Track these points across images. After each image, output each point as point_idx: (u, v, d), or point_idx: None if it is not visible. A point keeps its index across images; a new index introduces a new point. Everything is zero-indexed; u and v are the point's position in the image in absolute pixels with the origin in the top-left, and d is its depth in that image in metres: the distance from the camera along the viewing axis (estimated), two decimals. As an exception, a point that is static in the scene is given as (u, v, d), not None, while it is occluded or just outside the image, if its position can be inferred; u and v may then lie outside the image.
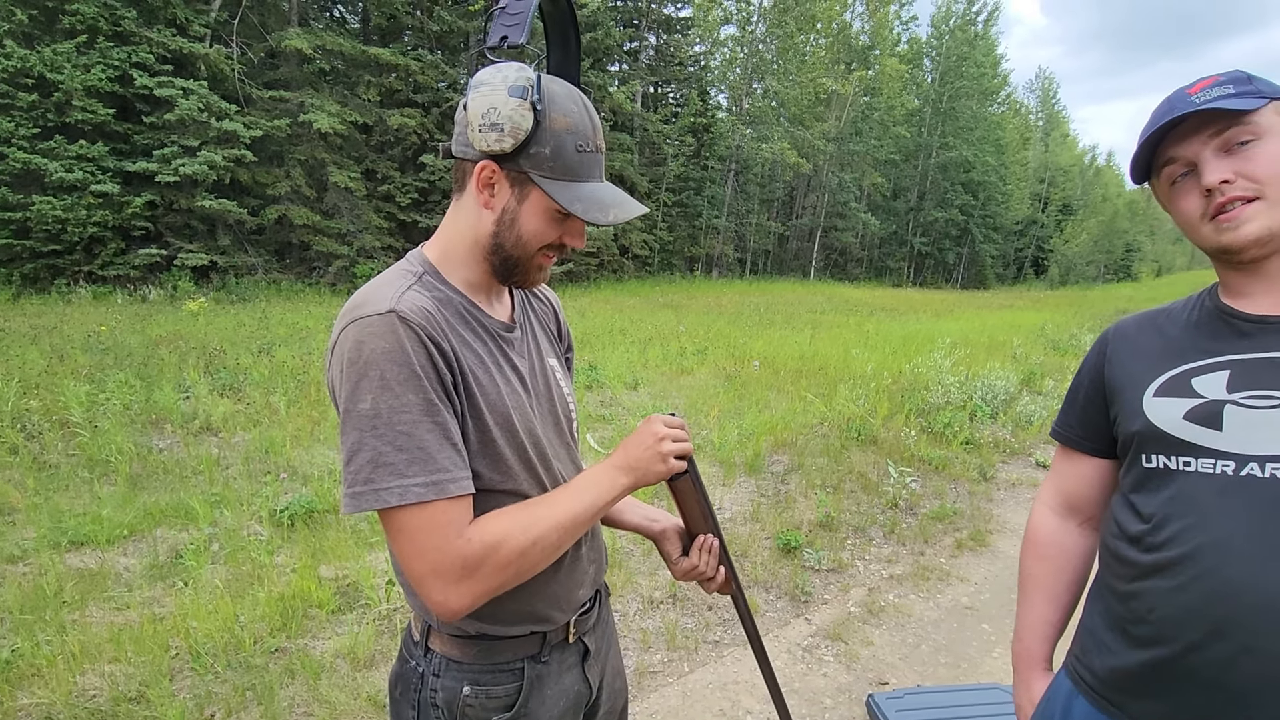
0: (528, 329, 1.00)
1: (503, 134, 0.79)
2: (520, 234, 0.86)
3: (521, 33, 0.83)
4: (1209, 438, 0.85)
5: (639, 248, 21.76)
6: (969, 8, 35.98)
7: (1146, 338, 0.98)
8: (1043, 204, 49.70)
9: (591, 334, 9.45)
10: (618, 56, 22.58)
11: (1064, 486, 1.10)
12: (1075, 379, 1.08)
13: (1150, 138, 0.86)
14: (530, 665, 0.93)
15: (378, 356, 0.75)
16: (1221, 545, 0.80)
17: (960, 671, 2.56)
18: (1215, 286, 0.95)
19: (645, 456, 0.89)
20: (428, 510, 0.75)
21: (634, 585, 2.98)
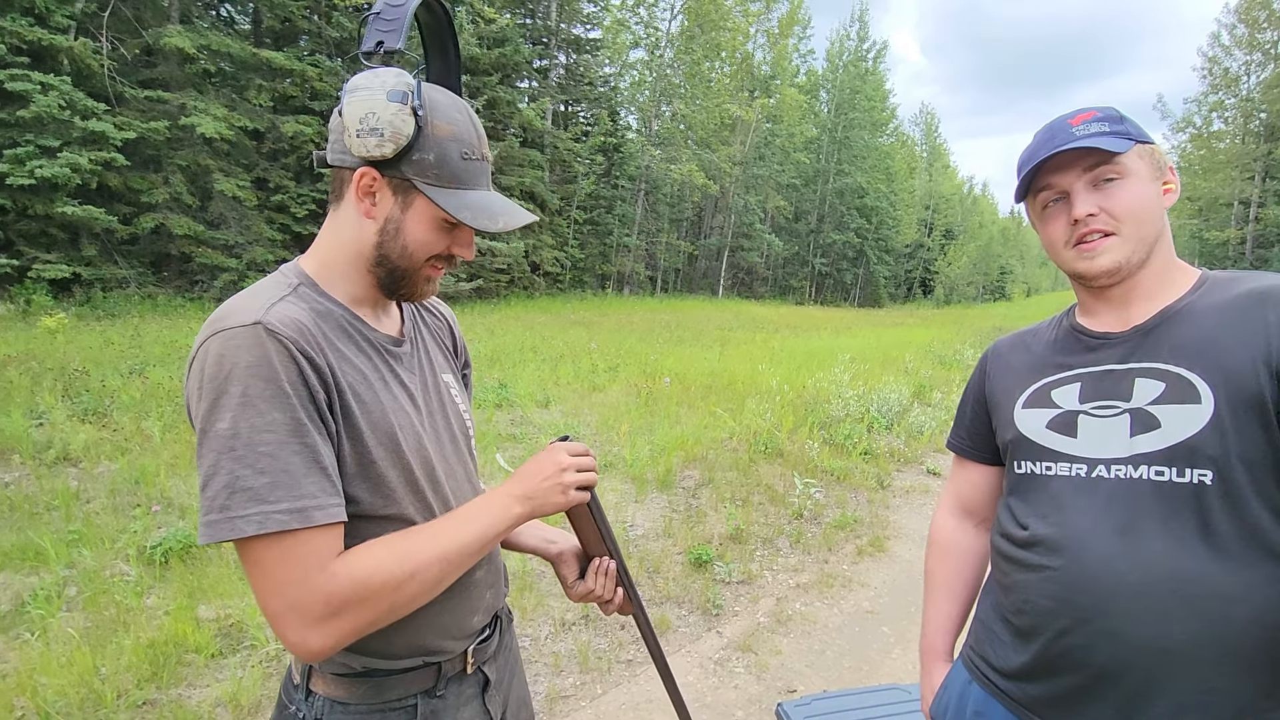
0: (419, 344, 0.95)
1: (383, 139, 0.76)
2: (406, 244, 0.82)
3: (398, 39, 0.79)
4: (1066, 444, 0.94)
5: (550, 265, 21.63)
6: (860, 45, 38.53)
7: (1017, 355, 1.09)
8: (928, 229, 53.62)
9: (502, 352, 9.27)
10: (527, 74, 22.51)
11: (959, 492, 1.21)
12: (963, 395, 1.19)
13: (1033, 165, 0.94)
14: (424, 701, 0.87)
15: (240, 371, 0.68)
16: (1079, 540, 0.88)
17: (863, 674, 2.66)
18: (1074, 307, 1.06)
19: (544, 487, 0.86)
20: (289, 540, 0.69)
21: (545, 608, 2.91)
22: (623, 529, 3.73)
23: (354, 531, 0.76)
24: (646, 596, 3.11)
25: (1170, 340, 0.89)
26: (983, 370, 1.14)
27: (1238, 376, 0.82)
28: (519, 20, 21.36)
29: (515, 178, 19.10)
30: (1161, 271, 0.92)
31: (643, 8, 25.89)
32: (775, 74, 33.03)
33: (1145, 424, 0.87)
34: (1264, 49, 30.34)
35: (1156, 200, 0.91)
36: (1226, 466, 0.81)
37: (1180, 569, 0.81)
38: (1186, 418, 0.84)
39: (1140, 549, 0.83)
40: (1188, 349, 0.87)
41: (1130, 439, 0.88)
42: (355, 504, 0.78)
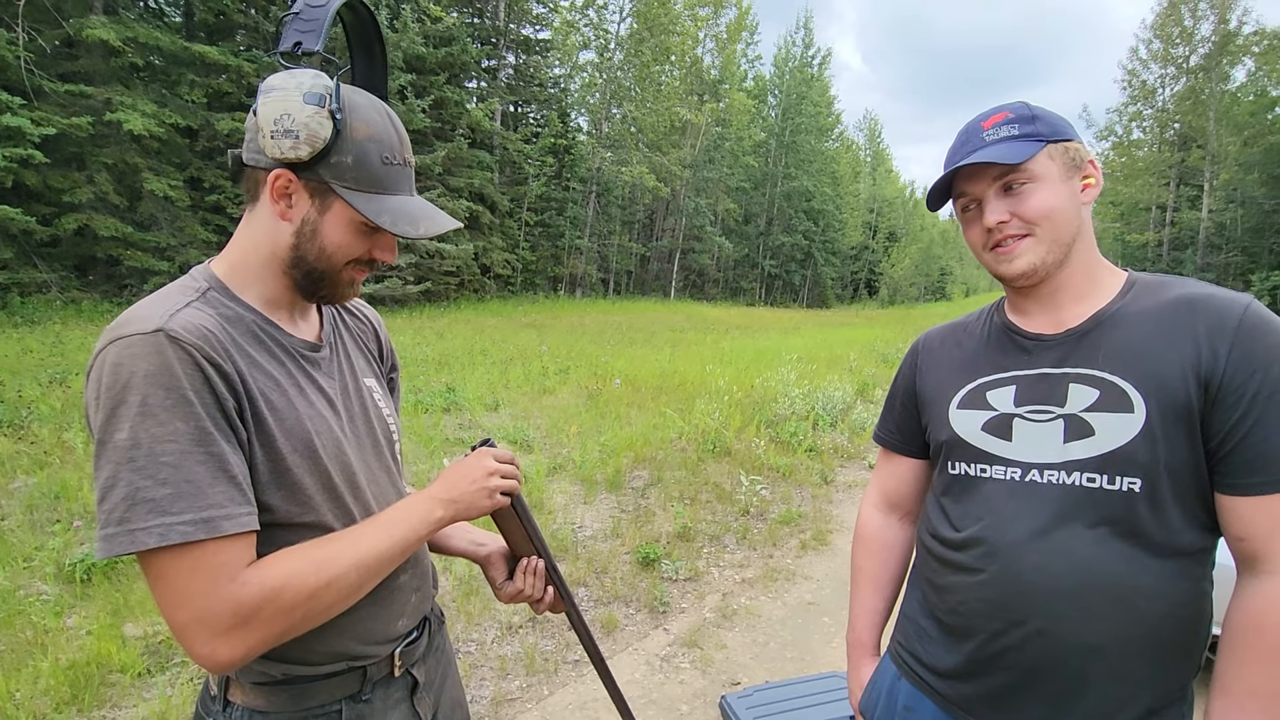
0: (338, 348, 0.94)
1: (298, 141, 0.75)
2: (323, 246, 0.82)
3: (317, 40, 0.78)
4: (1001, 447, 0.95)
5: (501, 267, 21.40)
6: (805, 52, 39.38)
7: (948, 351, 1.08)
8: (873, 231, 55.18)
9: (450, 355, 9.13)
10: (475, 74, 22.23)
11: (885, 486, 1.21)
12: (892, 388, 1.18)
13: (946, 175, 0.97)
14: (349, 705, 0.86)
15: (138, 380, 0.67)
16: (1013, 545, 0.90)
17: (805, 664, 2.73)
18: (1003, 301, 1.07)
19: (470, 490, 0.87)
20: (194, 552, 0.67)
21: (491, 612, 2.89)
22: (570, 530, 3.74)
23: (270, 539, 0.76)
24: (594, 596, 3.13)
25: (1104, 346, 0.91)
26: (913, 363, 1.13)
27: (1169, 386, 0.84)
28: (466, 19, 21.09)
29: (464, 179, 18.83)
30: (1087, 271, 0.94)
31: (592, 10, 25.91)
32: (724, 78, 33.47)
33: (1079, 431, 0.88)
34: (1176, 63, 32.31)
35: (1071, 199, 0.91)
36: (1154, 474, 0.84)
37: (1110, 571, 0.85)
38: (1119, 426, 0.86)
39: (1072, 553, 0.86)
40: (1121, 356, 0.89)
41: (1064, 445, 0.89)
42: (270, 512, 0.77)
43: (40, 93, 11.44)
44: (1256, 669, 0.81)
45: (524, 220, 22.92)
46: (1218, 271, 29.99)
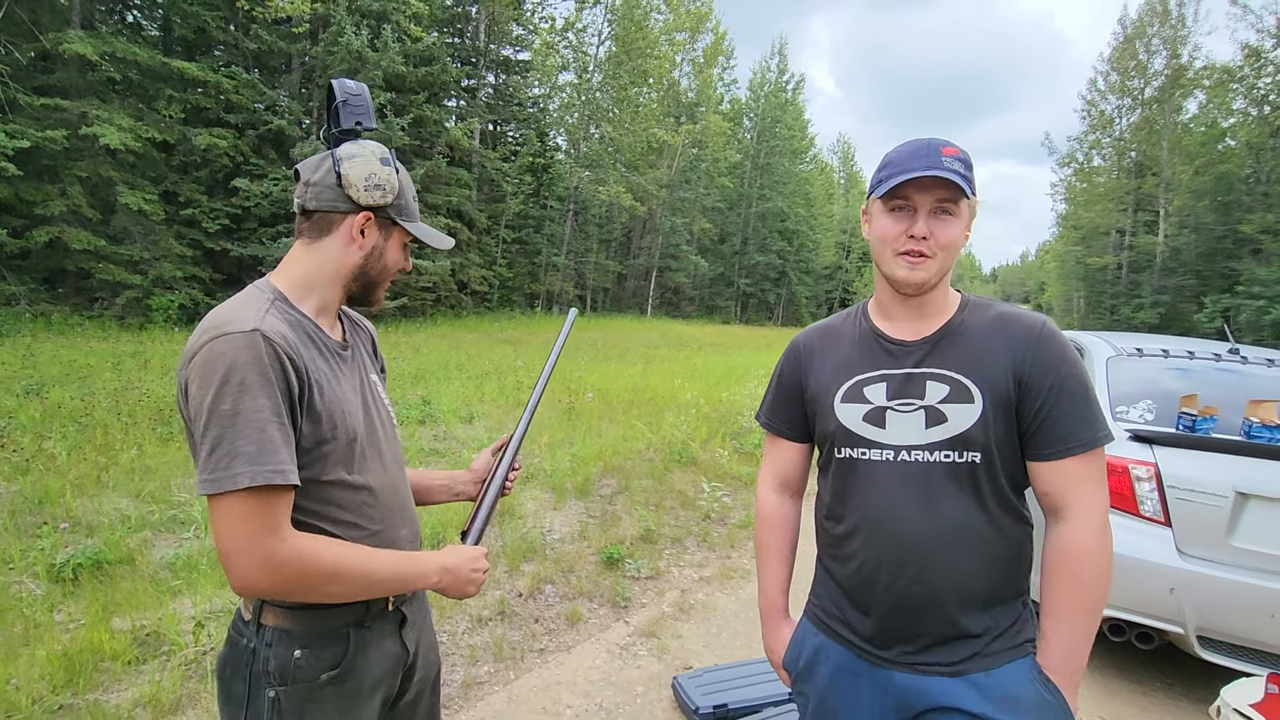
0: (356, 348, 1.20)
1: (385, 192, 1.09)
2: (385, 263, 1.15)
3: (372, 119, 1.14)
4: (878, 434, 1.16)
5: (478, 284, 21.55)
6: (780, 76, 40.39)
7: (827, 351, 1.27)
8: (846, 252, 56.28)
9: (426, 369, 9.28)
10: (455, 93, 22.53)
11: (777, 468, 1.38)
12: (776, 379, 1.35)
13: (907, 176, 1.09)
14: (356, 631, 1.09)
15: (240, 366, 0.91)
16: (890, 511, 1.14)
17: (753, 651, 2.97)
18: (864, 307, 1.28)
19: (465, 577, 1.15)
20: (261, 496, 0.91)
21: (463, 606, 3.09)
22: (540, 533, 3.94)
23: (305, 492, 1.00)
24: (560, 592, 3.34)
25: (951, 351, 1.15)
26: (797, 360, 1.31)
27: (997, 383, 1.12)
28: (447, 39, 21.41)
29: (442, 196, 19.02)
30: (944, 293, 1.19)
31: (571, 32, 26.41)
32: (700, 101, 34.21)
33: (936, 418, 1.13)
34: (1132, 95, 33.80)
35: (962, 240, 1.14)
36: (989, 450, 1.11)
37: (966, 523, 1.11)
38: (964, 414, 1.11)
39: (939, 512, 1.11)
40: (964, 359, 1.14)
41: (925, 430, 1.13)
42: (307, 470, 1.01)
43: (15, 105, 11.45)
44: (1067, 591, 1.09)
45: (501, 237, 23.14)
46: (1172, 294, 31.18)
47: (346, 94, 1.13)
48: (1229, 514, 2.50)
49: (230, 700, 1.05)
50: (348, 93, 1.13)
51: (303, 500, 1.01)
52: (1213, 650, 2.50)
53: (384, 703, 1.17)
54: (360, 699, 1.09)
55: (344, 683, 1.07)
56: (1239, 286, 27.06)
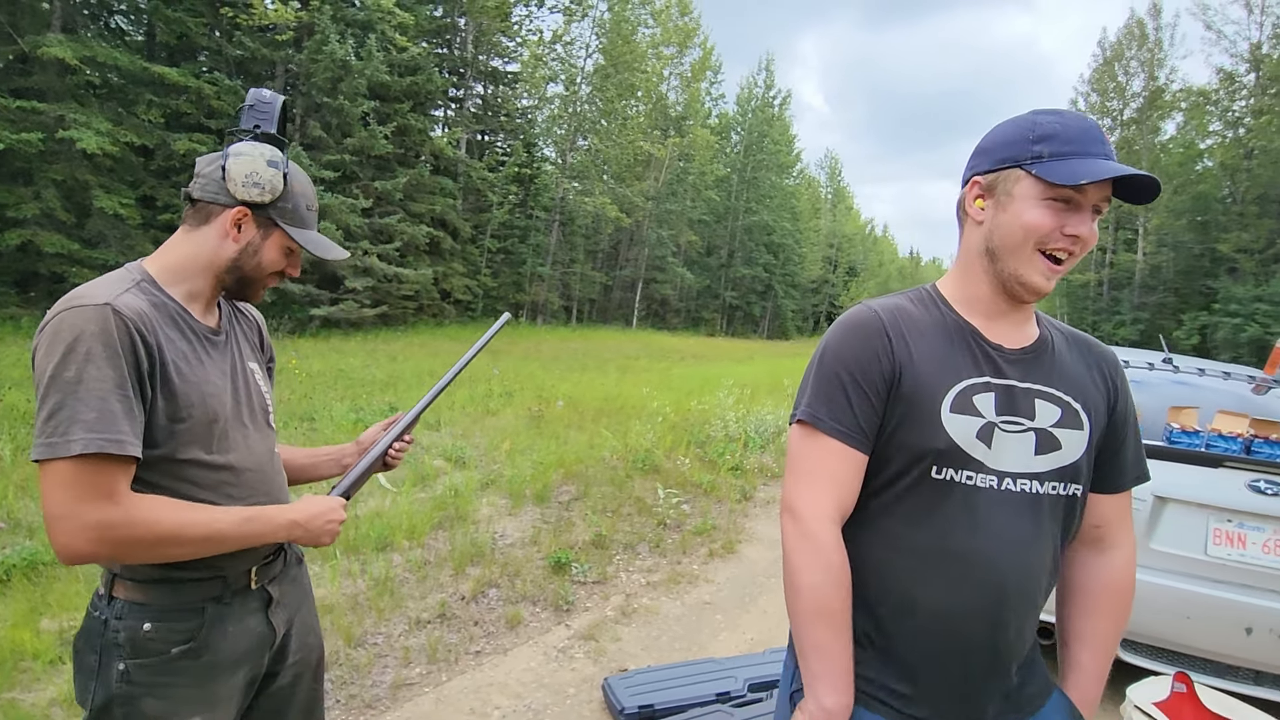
0: (232, 335, 1.22)
1: (263, 191, 1.12)
2: (260, 261, 1.17)
3: (272, 125, 1.18)
4: (985, 454, 0.95)
5: (461, 293, 21.54)
6: (766, 92, 40.86)
7: (916, 340, 0.99)
8: (833, 266, 56.77)
9: (400, 377, 9.26)
10: (442, 103, 22.62)
11: (839, 490, 0.97)
12: (840, 365, 0.99)
13: (1106, 177, 0.88)
14: (212, 605, 1.10)
15: (87, 336, 0.94)
16: (996, 551, 0.94)
17: (691, 654, 2.97)
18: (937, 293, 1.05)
19: (320, 526, 1.16)
20: (95, 464, 0.93)
21: (402, 609, 3.07)
22: (490, 538, 3.94)
23: (156, 468, 1.02)
24: (503, 596, 3.33)
25: (1053, 368, 1.01)
26: (880, 340, 0.98)
27: (1098, 410, 1.01)
28: (434, 50, 21.52)
29: (425, 204, 19.04)
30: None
31: (560, 45, 26.63)
32: (688, 114, 34.50)
33: (1049, 444, 0.97)
34: (1112, 115, 34.45)
35: None
36: (1086, 481, 1.01)
37: (1052, 564, 1.00)
38: (1076, 442, 0.98)
39: (1042, 554, 0.97)
40: (1067, 380, 1.01)
41: (1034, 456, 0.96)
42: (161, 447, 1.02)
43: (-9, 107, 11.37)
44: (1113, 622, 1.05)
45: (486, 247, 23.16)
46: (1152, 311, 31.66)
47: (255, 100, 1.19)
48: (1148, 517, 2.54)
49: (82, 671, 1.06)
50: (257, 99, 1.19)
51: (157, 477, 1.03)
52: (1133, 652, 2.54)
53: (250, 682, 1.18)
54: (216, 674, 1.10)
55: (197, 657, 1.08)
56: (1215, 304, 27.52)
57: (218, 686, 1.10)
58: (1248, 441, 2.62)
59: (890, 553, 0.98)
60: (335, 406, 6.85)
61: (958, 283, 1.04)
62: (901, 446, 0.96)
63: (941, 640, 0.95)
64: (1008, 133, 0.96)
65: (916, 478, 0.95)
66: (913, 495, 0.96)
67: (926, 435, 0.94)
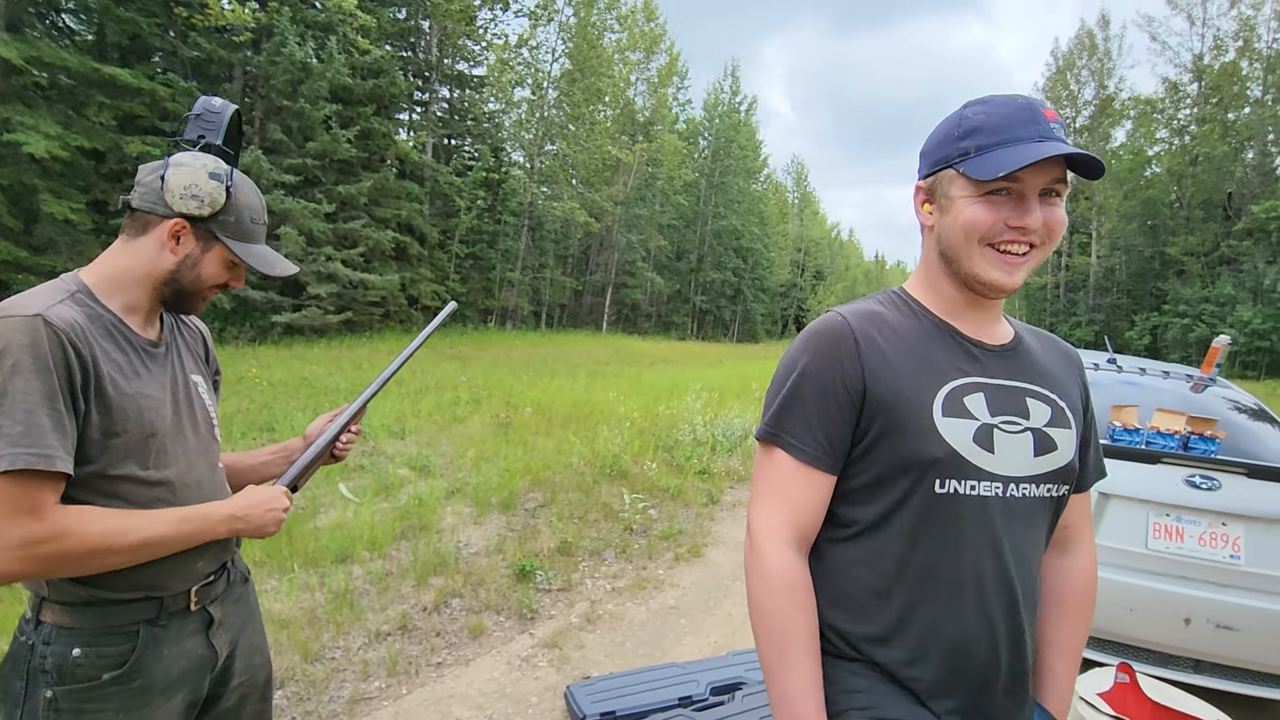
0: (174, 348, 1.20)
1: (202, 204, 1.09)
2: (199, 274, 1.14)
3: (218, 137, 1.15)
4: (987, 460, 0.87)
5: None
6: (733, 98, 41.30)
7: (892, 343, 0.92)
8: (800, 270, 57.54)
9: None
10: (406, 106, 22.37)
11: (798, 512, 0.91)
12: (807, 383, 0.91)
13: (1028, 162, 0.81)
14: (146, 628, 1.07)
15: (14, 348, 0.91)
16: (1002, 565, 0.88)
17: (654, 659, 2.98)
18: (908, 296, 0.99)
19: (262, 517, 1.14)
20: (21, 480, 0.90)
21: (361, 622, 3.02)
22: (455, 546, 3.90)
23: (89, 485, 0.99)
24: (467, 605, 3.30)
25: (1034, 366, 0.97)
26: (846, 350, 0.90)
27: (1079, 409, 0.99)
28: (398, 53, 21.28)
29: (391, 209, 18.79)
30: None
31: (526, 49, 26.57)
32: (655, 120, 34.71)
33: (1046, 445, 0.92)
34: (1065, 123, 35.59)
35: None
36: (1073, 482, 0.97)
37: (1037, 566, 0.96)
38: (1068, 442, 0.94)
39: (1037, 563, 0.95)
40: (1050, 378, 0.97)
41: (1034, 458, 0.91)
42: (94, 463, 1.00)
43: (-71, 109, 10.92)
44: (1082, 626, 1.03)
45: (454, 252, 22.95)
46: (1106, 312, 32.74)
47: (203, 109, 1.17)
48: (1093, 513, 2.63)
49: (6, 699, 1.03)
50: (205, 108, 1.17)
51: (87, 494, 1.00)
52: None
53: (190, 706, 1.15)
54: (150, 699, 1.07)
55: (129, 682, 1.05)
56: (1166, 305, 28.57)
57: (151, 712, 1.07)
58: (1185, 438, 2.73)
59: (899, 583, 0.89)
60: (296, 416, 6.70)
61: (925, 285, 0.98)
62: (894, 460, 0.88)
63: (963, 673, 0.88)
64: (939, 133, 0.92)
65: (919, 496, 0.87)
66: (917, 516, 0.88)
67: (921, 444, 0.87)
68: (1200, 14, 28.73)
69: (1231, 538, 2.53)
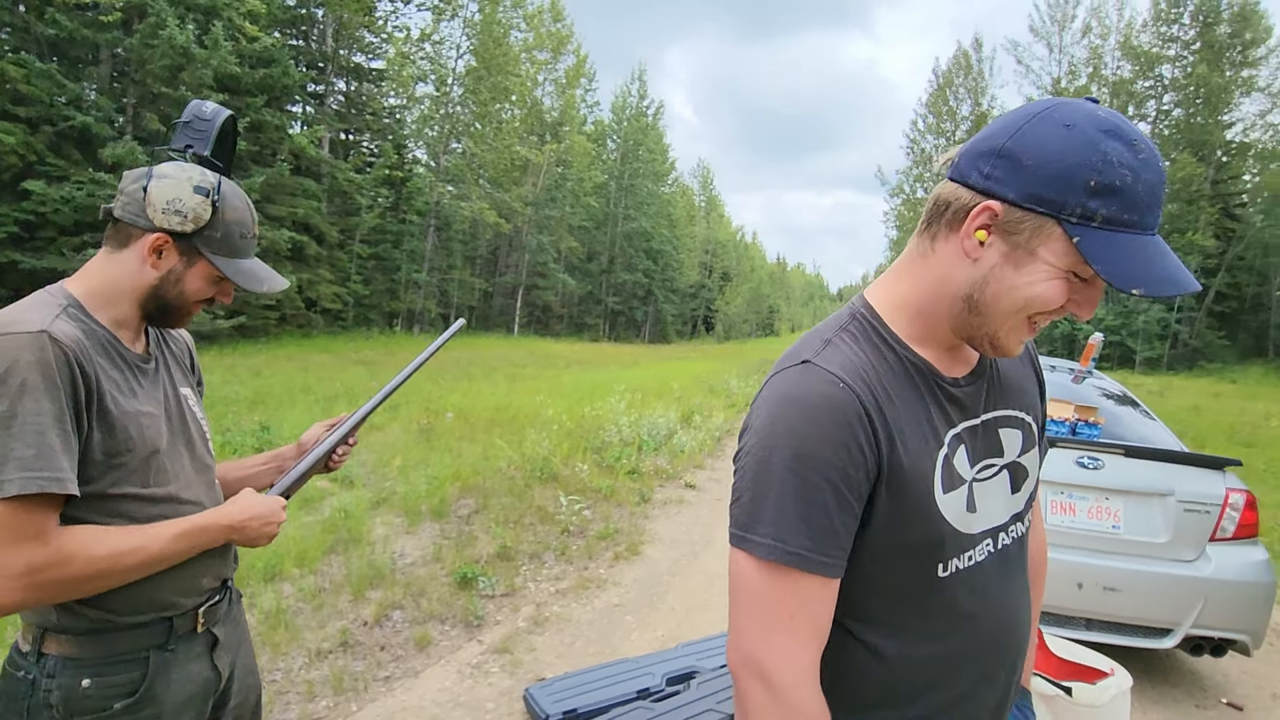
0: (162, 362, 1.15)
1: (185, 220, 1.04)
2: (184, 290, 1.09)
3: (206, 147, 1.09)
4: (974, 523, 0.79)
5: (330, 301, 20.22)
6: (640, 101, 41.81)
7: (896, 415, 0.75)
8: (709, 271, 58.99)
9: (267, 393, 8.58)
10: (300, 98, 21.15)
11: (823, 638, 0.75)
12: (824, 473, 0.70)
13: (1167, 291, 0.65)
14: (156, 654, 1.03)
15: (22, 366, 0.86)
16: (1001, 623, 0.82)
17: (605, 656, 3.03)
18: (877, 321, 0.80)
19: (258, 529, 1.11)
20: (30, 504, 0.85)
21: (299, 641, 2.89)
22: (390, 558, 3.78)
23: (89, 505, 0.95)
24: (409, 617, 3.23)
25: (1002, 382, 0.86)
26: (868, 435, 0.72)
27: (1039, 412, 0.90)
28: (289, 41, 20.08)
29: (286, 207, 17.72)
30: None
31: (428, 44, 25.76)
32: (564, 121, 34.56)
33: (1020, 477, 0.84)
34: (946, 135, 38.46)
35: None
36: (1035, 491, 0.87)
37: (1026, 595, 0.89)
38: (1035, 459, 0.86)
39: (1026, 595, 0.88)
40: (1014, 390, 0.86)
41: (1011, 496, 0.84)
42: (95, 483, 0.95)
43: None
44: (1038, 600, 1.01)
45: (356, 252, 21.91)
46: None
47: (193, 115, 1.11)
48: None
49: None
50: (195, 114, 1.11)
51: (87, 513, 0.96)
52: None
53: None
54: None
55: (140, 710, 1.01)
56: (1032, 304, 31.51)
57: None
58: (1073, 424, 3.09)
59: (913, 675, 0.78)
60: (195, 429, 6.24)
61: (906, 308, 0.79)
62: (901, 553, 0.76)
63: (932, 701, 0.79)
64: (1061, 157, 0.65)
65: (921, 586, 0.77)
66: (916, 606, 0.78)
67: (927, 530, 0.75)
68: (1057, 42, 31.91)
69: (1113, 510, 2.89)
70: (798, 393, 0.73)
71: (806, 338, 0.81)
